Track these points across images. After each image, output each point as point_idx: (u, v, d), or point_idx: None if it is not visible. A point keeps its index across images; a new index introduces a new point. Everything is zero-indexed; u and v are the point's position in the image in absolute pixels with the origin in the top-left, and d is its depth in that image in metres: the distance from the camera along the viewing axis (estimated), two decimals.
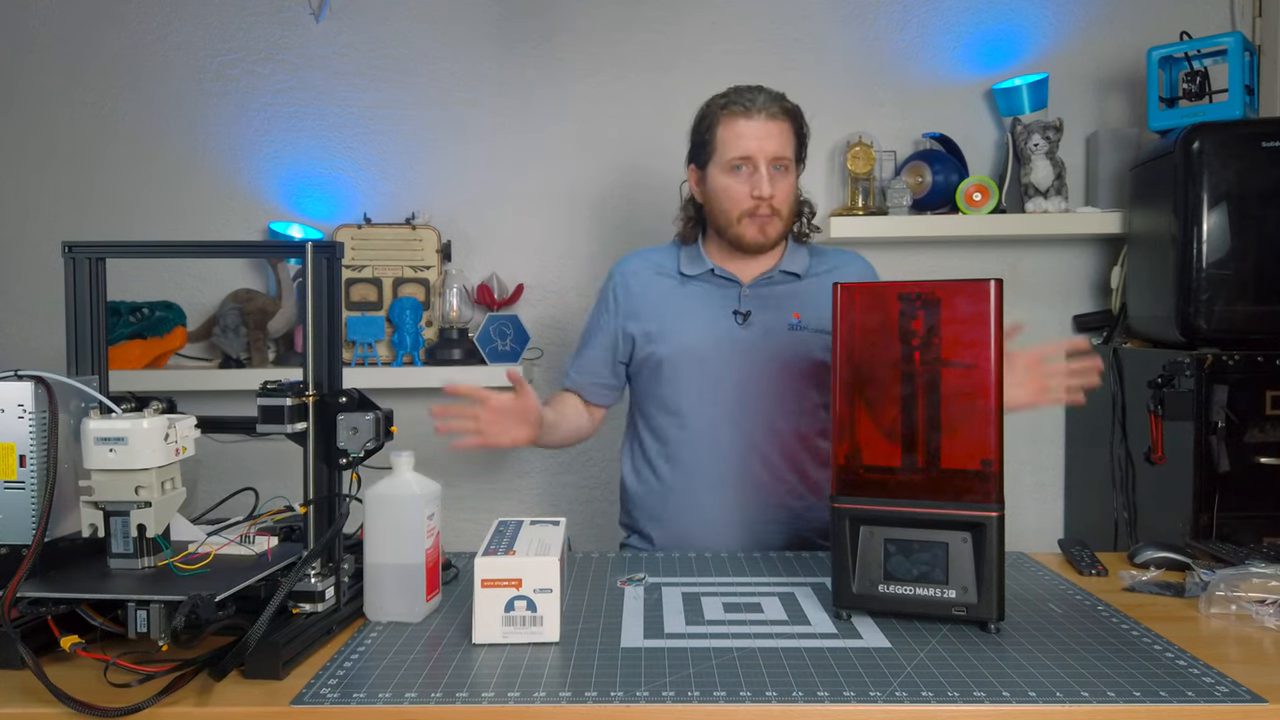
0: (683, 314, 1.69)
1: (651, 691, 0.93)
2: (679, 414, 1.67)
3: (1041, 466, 2.50)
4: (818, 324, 1.67)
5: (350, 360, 2.30)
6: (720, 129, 1.64)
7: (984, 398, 1.09)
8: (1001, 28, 2.45)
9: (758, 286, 1.69)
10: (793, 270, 1.70)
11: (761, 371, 1.65)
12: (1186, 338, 1.95)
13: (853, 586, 1.14)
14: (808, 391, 1.66)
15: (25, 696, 0.93)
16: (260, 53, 2.46)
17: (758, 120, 1.61)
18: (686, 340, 1.67)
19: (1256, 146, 1.90)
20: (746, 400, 1.65)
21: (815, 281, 1.71)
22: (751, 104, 1.62)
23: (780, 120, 1.63)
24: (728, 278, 1.70)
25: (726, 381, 1.65)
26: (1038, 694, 0.92)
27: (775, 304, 1.68)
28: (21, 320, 2.49)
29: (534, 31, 2.46)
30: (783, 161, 1.64)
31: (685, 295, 1.71)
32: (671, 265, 1.75)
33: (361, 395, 1.13)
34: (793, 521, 1.66)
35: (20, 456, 1.04)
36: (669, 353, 1.68)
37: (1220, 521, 1.83)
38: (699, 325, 1.68)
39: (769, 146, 1.61)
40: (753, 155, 1.61)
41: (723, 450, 1.65)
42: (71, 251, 1.14)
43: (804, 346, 1.66)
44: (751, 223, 1.64)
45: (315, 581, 1.09)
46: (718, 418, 1.65)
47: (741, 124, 1.62)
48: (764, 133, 1.61)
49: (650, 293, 1.73)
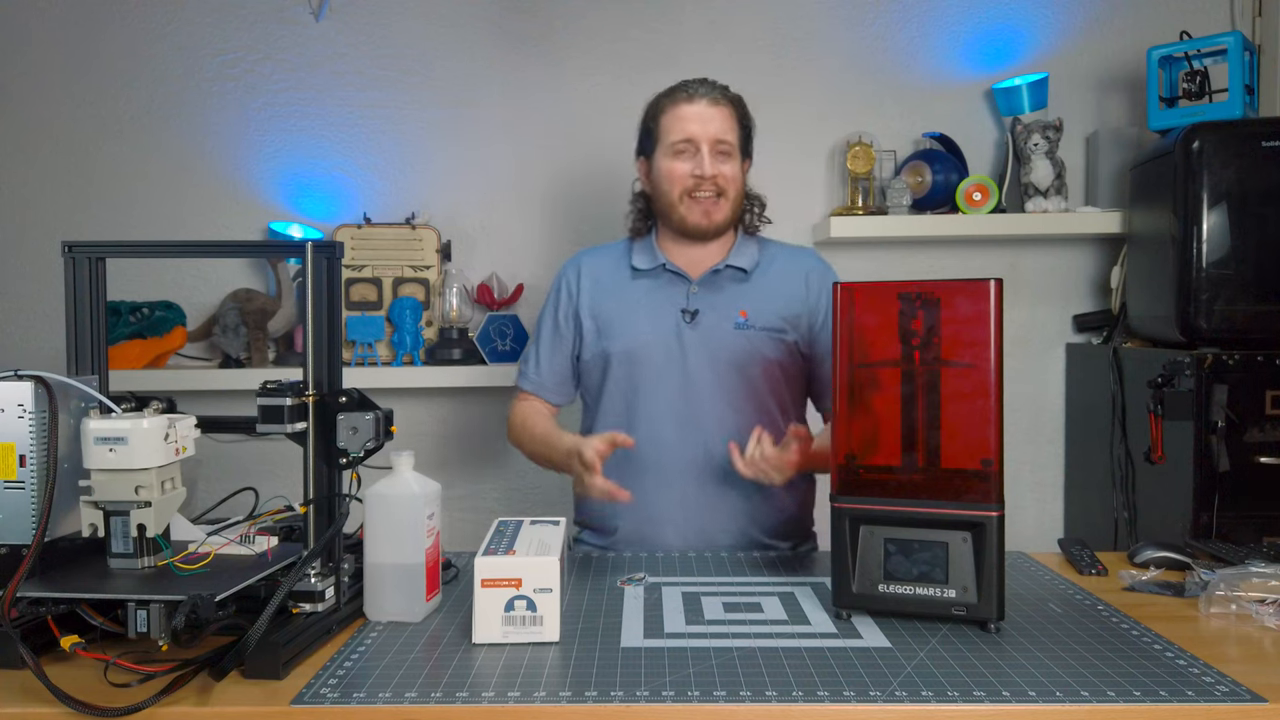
0: (632, 311, 1.70)
1: (651, 691, 0.93)
2: (627, 412, 1.67)
3: (1041, 466, 2.50)
4: (764, 322, 1.67)
5: (350, 360, 2.30)
6: (664, 116, 1.68)
7: (984, 397, 1.09)
8: (1001, 27, 2.45)
9: (706, 283, 1.69)
10: (740, 265, 1.70)
11: (709, 370, 1.65)
12: (1186, 337, 1.95)
13: (853, 586, 1.14)
14: (755, 390, 1.66)
15: (25, 696, 0.93)
16: (260, 53, 2.46)
17: (699, 104, 1.66)
18: (635, 338, 1.67)
19: (1256, 146, 1.90)
20: (694, 399, 1.65)
21: (762, 278, 1.71)
22: (694, 91, 1.66)
23: (722, 105, 1.67)
24: (677, 273, 1.70)
25: (674, 380, 1.65)
26: (1038, 693, 0.92)
27: (722, 301, 1.68)
28: (21, 320, 2.49)
29: (534, 31, 2.46)
30: (725, 145, 1.66)
31: (635, 291, 1.71)
32: (624, 260, 1.75)
33: (361, 395, 1.13)
34: (741, 520, 1.65)
35: (20, 456, 1.04)
36: (617, 350, 1.68)
37: (1220, 521, 1.83)
38: (647, 323, 1.68)
39: (710, 128, 1.65)
40: (694, 137, 1.64)
41: (671, 449, 1.64)
42: (71, 251, 1.15)
43: (751, 345, 1.66)
44: (695, 204, 1.66)
45: (315, 581, 1.09)
46: (666, 416, 1.65)
47: (684, 108, 1.66)
48: (705, 115, 1.65)
49: (601, 288, 1.74)
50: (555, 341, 1.76)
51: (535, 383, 1.77)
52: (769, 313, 1.68)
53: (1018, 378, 2.42)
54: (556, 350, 1.76)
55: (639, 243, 1.76)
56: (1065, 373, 2.49)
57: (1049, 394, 2.49)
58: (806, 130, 2.45)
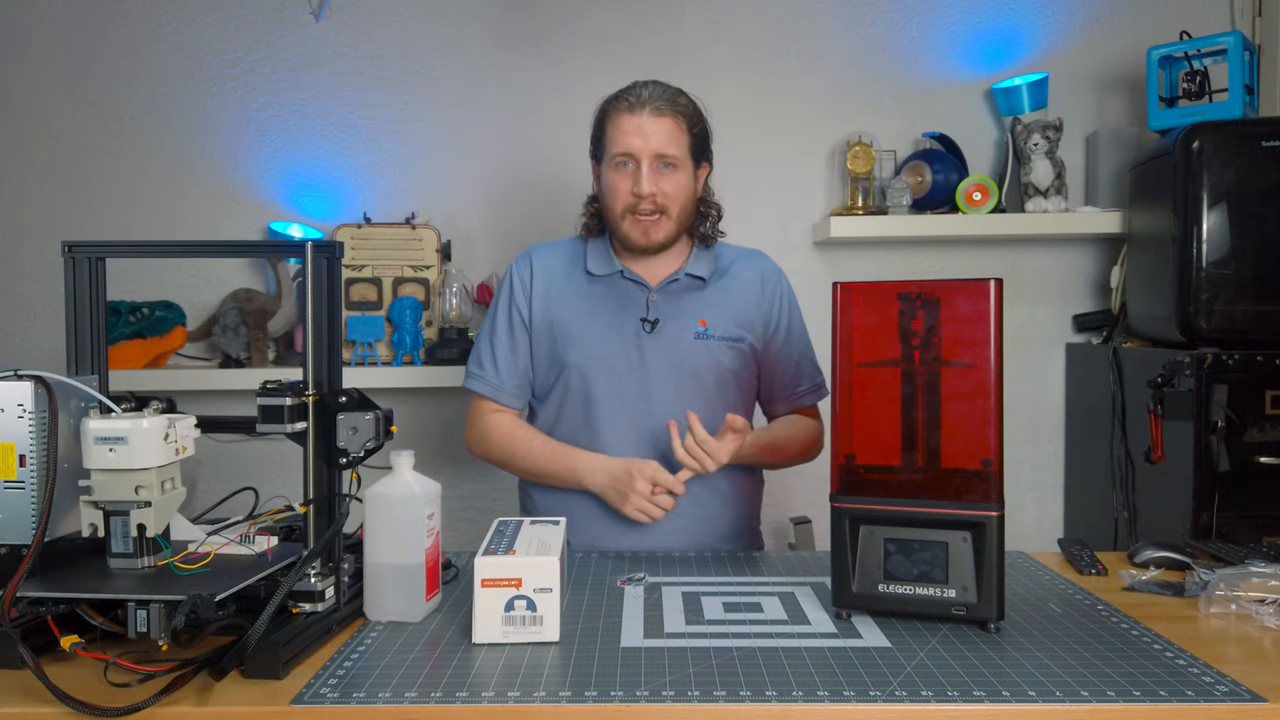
0: (591, 319, 1.65)
1: (651, 691, 0.93)
2: (585, 421, 1.63)
3: (1041, 466, 2.50)
4: (724, 332, 1.65)
5: (350, 360, 2.30)
6: (609, 125, 1.61)
7: (984, 397, 1.09)
8: (1001, 27, 2.45)
9: (665, 291, 1.66)
10: (698, 274, 1.67)
11: (669, 380, 1.62)
12: (1186, 337, 1.95)
13: (853, 586, 1.14)
14: (712, 399, 1.63)
15: (25, 696, 0.93)
16: (260, 53, 2.46)
17: (641, 116, 1.57)
18: (593, 347, 1.63)
19: (1256, 146, 1.90)
20: (654, 409, 1.61)
21: (720, 286, 1.69)
22: (637, 100, 1.58)
23: (666, 117, 1.58)
24: (635, 280, 1.66)
25: (633, 390, 1.62)
26: (1037, 693, 0.92)
27: (682, 311, 1.65)
28: (21, 320, 2.49)
29: (534, 31, 2.46)
30: (668, 159, 1.59)
31: (593, 297, 1.66)
32: (578, 261, 1.70)
33: (361, 395, 1.13)
34: (697, 531, 1.62)
35: (20, 456, 1.04)
36: (575, 359, 1.63)
37: (1220, 521, 1.83)
38: (606, 332, 1.64)
39: (652, 143, 1.57)
40: (634, 152, 1.57)
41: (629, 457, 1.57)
42: (71, 251, 1.15)
43: (710, 355, 1.64)
44: (635, 223, 1.61)
45: (315, 581, 1.08)
46: (625, 426, 1.62)
47: (625, 120, 1.58)
48: (647, 129, 1.57)
49: (556, 291, 1.68)
50: (511, 343, 1.68)
51: (494, 385, 1.68)
52: (727, 321, 1.66)
53: (1018, 378, 2.42)
54: (513, 351, 1.68)
55: (593, 244, 1.70)
56: (1065, 373, 2.49)
57: (1049, 394, 2.49)
58: (806, 130, 2.45)
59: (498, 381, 1.69)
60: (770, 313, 1.70)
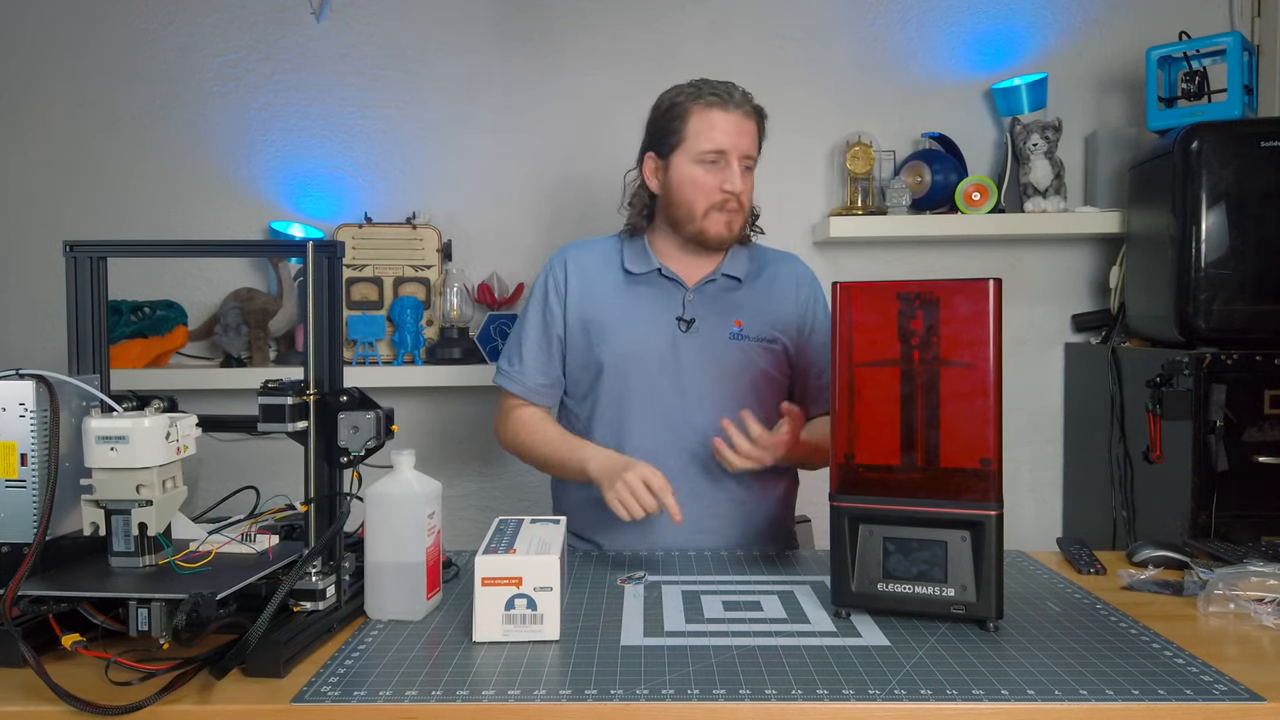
0: (626, 317, 1.65)
1: (651, 690, 0.94)
2: (619, 421, 1.63)
3: (1040, 465, 2.50)
4: (759, 333, 1.66)
5: (351, 359, 2.30)
6: (693, 119, 1.60)
7: (983, 397, 1.10)
8: (1001, 28, 2.45)
9: (702, 290, 1.66)
10: (734, 274, 1.68)
11: (703, 380, 1.62)
12: (1185, 337, 1.95)
13: (852, 585, 1.14)
14: (747, 400, 1.61)
15: (26, 695, 0.93)
16: (261, 53, 2.46)
17: (734, 115, 1.59)
18: (629, 346, 1.63)
19: (1255, 146, 1.90)
20: (688, 408, 1.61)
21: (756, 287, 1.69)
22: (729, 98, 1.59)
23: (752, 119, 1.62)
24: (673, 279, 1.66)
25: (668, 389, 1.62)
26: (1036, 692, 0.93)
27: (718, 310, 1.66)
28: (22, 319, 2.49)
29: (534, 31, 2.46)
30: (750, 161, 1.63)
31: (630, 296, 1.66)
32: (614, 259, 1.70)
33: (362, 394, 1.13)
34: (732, 531, 1.63)
35: (21, 455, 1.04)
36: (611, 358, 1.63)
37: (1218, 520, 1.83)
38: (642, 330, 1.64)
39: (743, 143, 1.60)
40: (727, 150, 1.59)
41: (662, 458, 1.55)
42: (73, 250, 1.15)
43: (745, 355, 1.64)
44: (720, 216, 1.61)
45: (316, 580, 1.09)
46: (660, 426, 1.61)
47: (718, 116, 1.59)
48: (739, 128, 1.59)
49: (591, 289, 1.68)
50: (544, 342, 1.69)
51: (523, 386, 1.69)
52: (762, 322, 1.66)
53: (1017, 377, 2.42)
54: (545, 351, 1.69)
55: (631, 243, 1.70)
56: (1064, 372, 2.49)
57: (1048, 394, 2.50)
58: (806, 130, 2.45)
59: (526, 381, 1.69)
60: (804, 315, 1.71)
